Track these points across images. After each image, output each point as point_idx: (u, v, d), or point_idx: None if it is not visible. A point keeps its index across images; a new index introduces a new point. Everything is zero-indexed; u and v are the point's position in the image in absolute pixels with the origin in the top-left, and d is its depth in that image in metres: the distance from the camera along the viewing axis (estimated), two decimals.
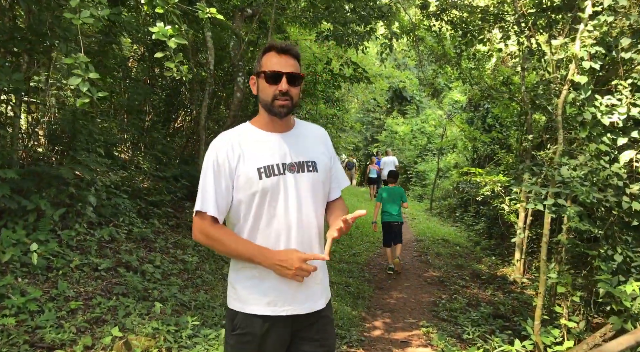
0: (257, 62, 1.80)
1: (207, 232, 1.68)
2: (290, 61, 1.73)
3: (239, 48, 7.87)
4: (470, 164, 13.77)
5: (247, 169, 1.70)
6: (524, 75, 7.61)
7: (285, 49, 1.74)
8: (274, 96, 1.70)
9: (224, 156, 1.71)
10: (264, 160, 1.72)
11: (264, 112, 1.79)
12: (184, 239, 5.69)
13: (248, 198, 1.70)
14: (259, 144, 1.76)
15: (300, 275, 1.62)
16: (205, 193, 1.69)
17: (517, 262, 7.85)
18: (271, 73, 1.70)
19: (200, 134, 7.97)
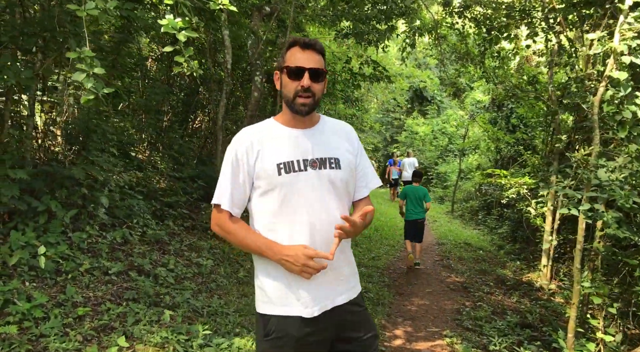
0: (281, 58, 1.76)
1: (221, 224, 1.71)
2: (314, 56, 1.70)
3: (257, 47, 7.73)
4: (494, 166, 13.41)
5: (266, 164, 1.68)
6: (552, 73, 7.30)
7: (309, 43, 1.71)
8: (296, 92, 1.68)
9: (243, 152, 1.70)
10: (284, 156, 1.70)
11: (286, 109, 1.76)
12: (199, 241, 5.56)
13: (268, 194, 1.69)
14: (280, 139, 1.74)
15: (306, 271, 1.59)
16: (222, 187, 1.71)
17: (543, 268, 7.54)
18: (294, 68, 1.67)
19: (217, 134, 7.86)
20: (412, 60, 24.32)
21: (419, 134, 22.28)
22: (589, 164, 3.63)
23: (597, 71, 4.18)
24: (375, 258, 8.03)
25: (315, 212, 1.69)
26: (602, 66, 4.07)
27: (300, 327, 1.66)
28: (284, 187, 1.67)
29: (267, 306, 1.71)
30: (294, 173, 1.69)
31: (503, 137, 12.05)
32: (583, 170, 3.65)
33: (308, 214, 1.68)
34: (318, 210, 1.70)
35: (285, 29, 8.70)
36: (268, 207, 1.70)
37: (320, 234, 1.68)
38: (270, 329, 1.68)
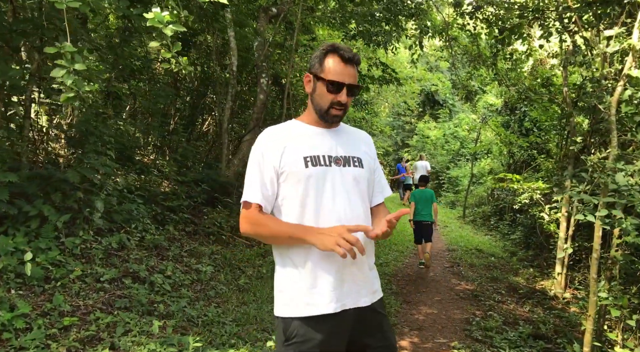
0: (317, 62, 1.75)
1: (253, 218, 1.69)
2: (352, 71, 1.73)
3: (263, 48, 7.60)
4: (506, 170, 13.12)
5: (292, 158, 1.70)
6: (566, 74, 7.06)
7: (351, 59, 1.73)
8: (331, 104, 1.72)
9: (269, 148, 1.72)
10: (311, 150, 1.73)
11: (313, 112, 1.80)
12: (200, 246, 5.42)
13: (294, 188, 1.70)
14: (305, 136, 1.77)
15: (340, 244, 1.53)
16: (251, 184, 1.71)
17: (558, 275, 7.27)
18: (334, 83, 1.69)
19: (223, 138, 7.75)
20: (423, 64, 24.09)
21: (430, 138, 22.01)
22: (606, 167, 3.42)
23: (615, 70, 3.96)
24: (382, 264, 7.82)
25: (341, 206, 1.71)
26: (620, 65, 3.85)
27: (322, 327, 1.65)
28: (311, 179, 1.69)
29: (287, 308, 1.69)
30: (320, 167, 1.71)
31: (516, 141, 11.78)
32: (600, 174, 3.44)
33: (335, 207, 1.71)
34: (343, 205, 1.72)
35: (292, 31, 8.57)
36: (295, 199, 1.70)
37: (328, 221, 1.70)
38: (291, 333, 1.65)
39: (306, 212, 1.70)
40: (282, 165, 1.70)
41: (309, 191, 1.69)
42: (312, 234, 1.62)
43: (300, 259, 1.70)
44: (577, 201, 3.57)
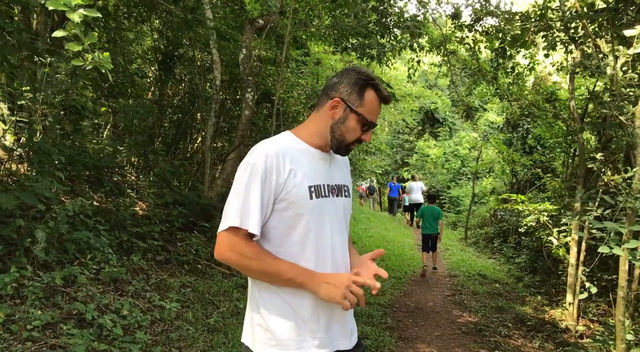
0: (353, 92, 1.60)
1: (242, 249, 1.47)
2: (380, 110, 1.67)
3: (249, 62, 7.13)
4: (509, 190, 12.57)
5: (298, 185, 1.53)
6: (573, 87, 6.55)
7: (387, 100, 1.65)
8: (355, 141, 1.64)
9: (272, 166, 1.51)
10: (314, 178, 1.58)
11: (325, 137, 1.64)
12: (170, 277, 4.84)
13: (294, 221, 1.53)
14: (309, 160, 1.61)
15: (348, 297, 1.46)
16: (248, 206, 1.47)
17: (569, 305, 6.66)
18: (370, 123, 1.61)
19: (205, 156, 7.23)
20: (422, 81, 23.75)
21: (430, 157, 21.51)
22: (633, 189, 2.87)
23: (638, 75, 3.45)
24: (378, 294, 7.20)
25: (338, 244, 1.61)
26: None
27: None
28: (313, 212, 1.55)
29: (276, 349, 1.52)
30: (322, 198, 1.58)
31: (519, 159, 11.25)
32: (626, 197, 2.88)
33: (333, 244, 1.60)
34: (340, 241, 1.63)
35: (282, 45, 8.12)
36: (293, 234, 1.54)
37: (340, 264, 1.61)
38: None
39: (306, 251, 1.55)
40: (285, 190, 1.51)
41: (310, 226, 1.55)
42: (317, 283, 1.49)
43: (296, 299, 1.53)
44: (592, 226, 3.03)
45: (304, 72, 10.13)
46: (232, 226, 1.46)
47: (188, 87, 8.65)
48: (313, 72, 10.23)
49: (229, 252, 1.47)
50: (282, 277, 1.49)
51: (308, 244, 1.55)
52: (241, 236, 1.47)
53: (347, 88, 1.60)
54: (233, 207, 1.49)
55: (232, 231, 1.47)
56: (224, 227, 1.48)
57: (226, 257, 1.49)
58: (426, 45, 9.78)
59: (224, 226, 1.48)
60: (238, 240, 1.47)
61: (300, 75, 10.27)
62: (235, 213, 1.47)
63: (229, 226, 1.46)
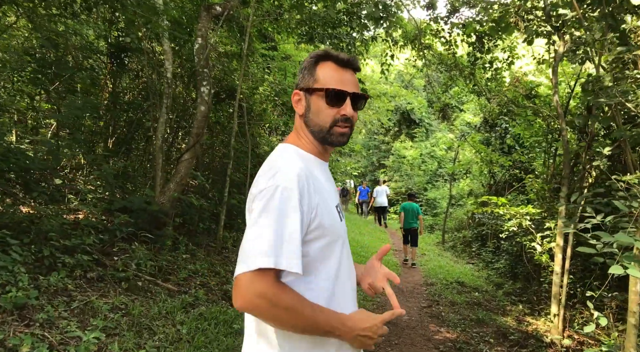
0: (306, 74, 1.42)
1: (274, 296, 1.14)
2: (353, 78, 1.42)
3: (204, 52, 6.43)
4: (487, 192, 12.11)
5: (329, 207, 1.32)
6: (556, 81, 6.05)
7: (350, 61, 1.41)
8: (335, 121, 1.38)
9: (304, 186, 1.25)
10: (334, 198, 1.41)
11: (311, 139, 1.43)
12: (100, 298, 4.12)
13: (329, 248, 1.31)
14: (322, 175, 1.41)
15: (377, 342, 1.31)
16: (282, 241, 1.17)
17: (554, 317, 6.15)
18: (334, 92, 1.36)
19: (156, 157, 6.49)
20: (398, 82, 23.33)
21: (407, 158, 21.06)
22: None
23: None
24: None
25: (352, 272, 1.44)
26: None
27: None
28: (344, 236, 1.38)
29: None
30: (343, 220, 1.41)
31: (497, 160, 10.78)
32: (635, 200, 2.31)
33: (351, 275, 1.42)
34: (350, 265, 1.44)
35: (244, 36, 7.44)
36: (327, 265, 1.32)
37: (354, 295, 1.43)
38: None
39: (337, 286, 1.33)
40: (318, 215, 1.26)
41: (344, 251, 1.36)
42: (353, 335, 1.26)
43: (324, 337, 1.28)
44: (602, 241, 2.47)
45: (271, 67, 9.46)
46: (261, 268, 1.15)
47: (142, 81, 7.90)
48: (281, 68, 9.57)
49: (256, 299, 1.15)
50: (318, 331, 1.25)
51: (340, 277, 1.35)
52: (271, 279, 1.17)
53: (301, 76, 1.44)
54: (261, 243, 1.17)
55: (260, 274, 1.16)
56: (250, 269, 1.15)
57: (254, 306, 1.17)
58: (400, 40, 9.24)
59: (249, 266, 1.15)
60: (268, 284, 1.16)
61: (267, 70, 9.60)
62: (266, 250, 1.16)
63: (259, 267, 1.14)
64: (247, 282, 1.15)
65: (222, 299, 5.31)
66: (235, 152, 8.04)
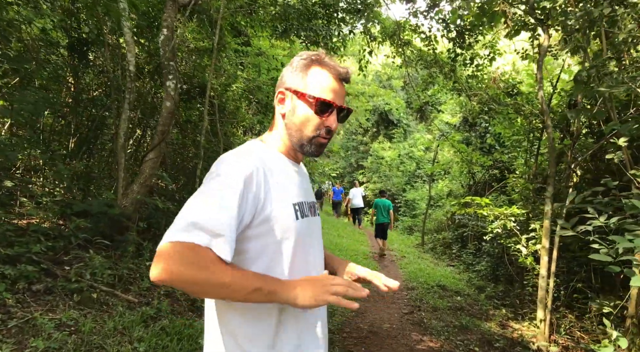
0: (296, 75, 1.37)
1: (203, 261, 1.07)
2: (343, 90, 1.40)
3: (170, 44, 5.99)
4: (467, 192, 11.90)
5: (283, 203, 1.29)
6: (541, 76, 5.80)
7: (346, 75, 1.38)
8: (318, 131, 1.36)
9: (253, 176, 1.23)
10: (296, 195, 1.36)
11: (286, 140, 1.41)
12: (46, 314, 3.65)
13: (277, 246, 1.27)
14: (287, 173, 1.38)
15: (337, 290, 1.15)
16: (219, 223, 1.11)
17: (540, 322, 5.89)
18: (325, 103, 1.33)
19: (118, 156, 6.02)
20: (376, 82, 23.12)
21: (385, 159, 20.83)
22: None
23: None
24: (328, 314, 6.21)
25: (317, 266, 1.40)
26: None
27: None
28: (300, 236, 1.31)
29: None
30: (305, 218, 1.37)
31: (477, 159, 10.56)
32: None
33: (315, 268, 1.38)
34: (319, 263, 1.42)
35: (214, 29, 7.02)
36: (277, 262, 1.27)
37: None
38: None
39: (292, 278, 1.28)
40: (266, 209, 1.22)
41: (297, 250, 1.30)
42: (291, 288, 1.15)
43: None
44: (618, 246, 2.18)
45: (245, 63, 9.04)
46: (193, 242, 1.07)
47: (97, 74, 7.40)
48: (255, 64, 9.16)
49: (182, 267, 1.04)
50: (247, 288, 1.11)
51: (294, 275, 1.29)
52: (204, 252, 1.08)
53: (289, 75, 1.39)
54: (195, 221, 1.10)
55: (190, 247, 1.07)
56: (182, 239, 1.07)
57: (177, 274, 1.04)
58: (379, 36, 8.94)
59: (182, 236, 1.07)
60: (200, 253, 1.07)
61: (240, 67, 9.17)
62: (203, 225, 1.09)
63: (192, 242, 1.07)
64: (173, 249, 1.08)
65: (188, 311, 4.88)
66: (206, 152, 7.61)
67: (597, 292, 6.64)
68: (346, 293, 1.13)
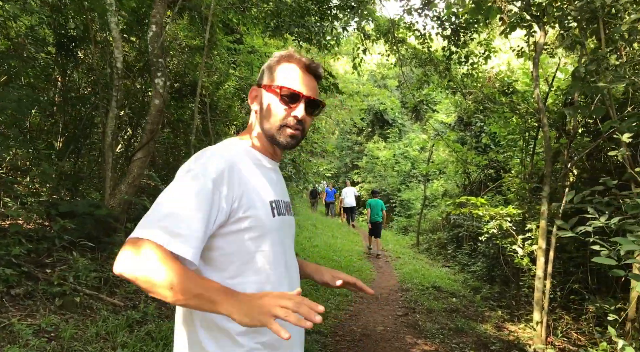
0: (267, 72, 1.42)
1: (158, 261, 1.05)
2: (313, 83, 1.41)
3: (159, 40, 5.84)
4: (462, 192, 11.80)
5: (259, 201, 1.28)
6: (537, 74, 5.70)
7: (312, 67, 1.41)
8: (286, 122, 1.36)
9: (225, 174, 1.22)
10: (272, 193, 1.35)
11: (262, 137, 1.41)
12: (23, 320, 3.51)
13: (255, 242, 1.26)
14: (263, 170, 1.38)
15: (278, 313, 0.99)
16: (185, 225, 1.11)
17: (537, 325, 5.78)
18: (289, 93, 1.35)
19: (105, 155, 5.88)
20: (371, 82, 23.02)
21: (380, 159, 20.73)
22: None
23: None
24: None
25: (293, 268, 1.41)
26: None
27: None
28: (276, 234, 1.31)
29: None
30: (281, 216, 1.36)
31: (473, 158, 10.47)
32: None
33: (289, 270, 1.37)
34: (293, 266, 1.42)
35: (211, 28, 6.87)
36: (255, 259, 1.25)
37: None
38: None
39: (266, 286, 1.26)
40: (242, 207, 1.22)
41: (274, 250, 1.29)
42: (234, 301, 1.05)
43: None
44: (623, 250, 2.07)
45: (237, 61, 8.90)
46: (156, 242, 1.07)
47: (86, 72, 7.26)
48: (247, 62, 9.02)
49: (134, 262, 1.06)
50: (190, 292, 1.06)
51: (271, 273, 1.28)
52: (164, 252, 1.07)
53: (261, 74, 1.43)
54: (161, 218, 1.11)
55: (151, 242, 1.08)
56: (141, 235, 1.08)
57: (130, 269, 1.06)
58: (373, 34, 8.82)
59: (143, 233, 1.08)
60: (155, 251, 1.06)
61: (232, 65, 9.03)
62: (165, 225, 1.09)
63: (152, 240, 1.07)
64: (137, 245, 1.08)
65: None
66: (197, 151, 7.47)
67: (594, 293, 6.56)
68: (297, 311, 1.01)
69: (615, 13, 3.21)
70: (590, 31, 4.45)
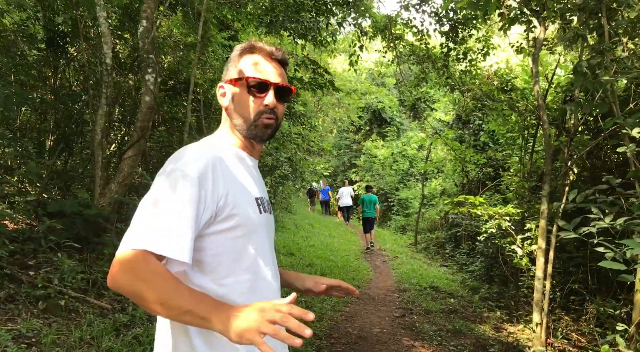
0: (230, 66, 1.38)
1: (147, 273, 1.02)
2: (279, 69, 1.37)
3: (149, 36, 5.70)
4: (460, 191, 11.69)
5: (245, 198, 1.25)
6: (537, 70, 5.57)
7: (276, 53, 1.38)
8: (259, 112, 1.32)
9: (209, 172, 1.17)
10: (257, 190, 1.33)
11: (237, 133, 1.37)
12: (3, 325, 3.37)
13: (243, 240, 1.22)
14: (244, 166, 1.35)
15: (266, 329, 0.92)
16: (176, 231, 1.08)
17: (536, 326, 5.66)
18: (256, 82, 1.31)
19: (95, 154, 5.74)
20: (369, 80, 22.89)
21: (378, 158, 20.60)
22: None
23: None
24: (315, 319, 5.94)
25: (274, 265, 1.36)
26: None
27: None
28: (262, 231, 1.29)
29: None
30: (265, 214, 1.32)
31: (471, 157, 10.34)
32: None
33: (273, 268, 1.34)
34: (273, 261, 1.36)
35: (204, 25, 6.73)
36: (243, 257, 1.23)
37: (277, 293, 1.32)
38: None
39: (258, 282, 1.25)
40: (229, 204, 1.18)
41: (263, 247, 1.28)
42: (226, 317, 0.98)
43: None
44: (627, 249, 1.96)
45: None
46: (144, 249, 1.04)
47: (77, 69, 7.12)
48: None
49: (127, 276, 1.02)
50: (180, 308, 1.00)
51: (259, 271, 1.26)
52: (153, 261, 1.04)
53: (226, 69, 1.40)
54: (147, 225, 1.07)
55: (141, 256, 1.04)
56: (131, 246, 1.05)
57: (120, 282, 1.04)
58: (370, 31, 8.69)
59: (132, 244, 1.05)
60: (145, 263, 1.03)
61: (224, 59, 8.89)
62: (154, 233, 1.06)
63: (142, 249, 1.04)
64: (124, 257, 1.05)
65: None
66: None
67: (594, 294, 6.45)
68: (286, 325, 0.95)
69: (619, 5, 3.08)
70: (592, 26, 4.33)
